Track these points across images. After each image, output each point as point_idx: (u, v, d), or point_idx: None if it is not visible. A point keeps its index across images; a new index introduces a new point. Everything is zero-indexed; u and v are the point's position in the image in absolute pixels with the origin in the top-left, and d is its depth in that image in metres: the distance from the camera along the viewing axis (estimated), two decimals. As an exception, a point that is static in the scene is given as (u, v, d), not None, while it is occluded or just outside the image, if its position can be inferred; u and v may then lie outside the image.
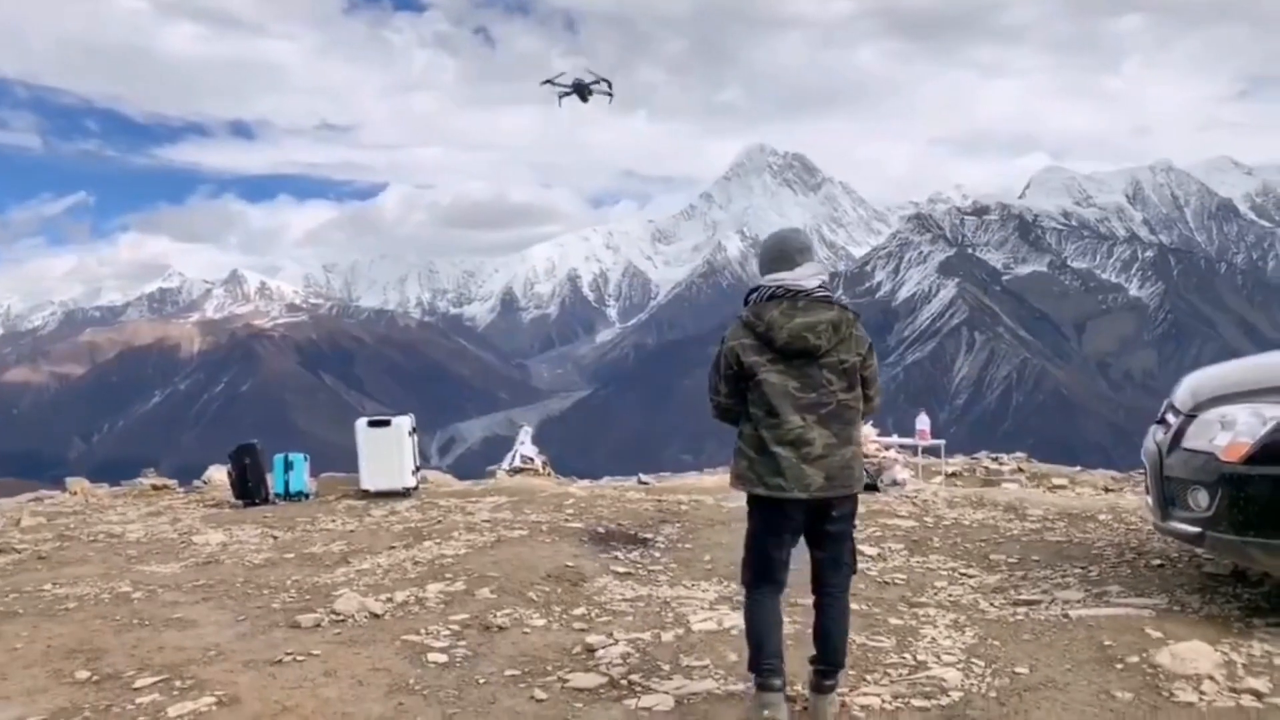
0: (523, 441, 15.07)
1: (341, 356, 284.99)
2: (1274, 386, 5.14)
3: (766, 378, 4.06)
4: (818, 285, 4.13)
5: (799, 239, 4.31)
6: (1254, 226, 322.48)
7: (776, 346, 4.06)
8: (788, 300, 4.10)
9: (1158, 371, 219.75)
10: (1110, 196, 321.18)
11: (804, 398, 4.04)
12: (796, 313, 4.06)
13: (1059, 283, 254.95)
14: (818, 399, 4.04)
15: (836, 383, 4.07)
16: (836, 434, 4.04)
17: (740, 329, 4.16)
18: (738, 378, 4.15)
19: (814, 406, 4.04)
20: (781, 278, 4.14)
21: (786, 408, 4.03)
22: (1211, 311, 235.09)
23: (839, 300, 4.16)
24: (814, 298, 4.10)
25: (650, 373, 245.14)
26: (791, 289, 4.11)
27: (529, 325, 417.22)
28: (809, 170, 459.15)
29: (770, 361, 4.07)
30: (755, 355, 4.08)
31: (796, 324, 4.04)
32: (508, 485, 10.40)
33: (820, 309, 4.08)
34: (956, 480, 13.22)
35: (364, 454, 10.26)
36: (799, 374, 4.05)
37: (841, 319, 4.09)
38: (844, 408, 4.08)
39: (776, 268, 4.20)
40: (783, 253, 4.24)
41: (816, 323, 4.04)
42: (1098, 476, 13.98)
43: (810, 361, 4.06)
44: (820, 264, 4.24)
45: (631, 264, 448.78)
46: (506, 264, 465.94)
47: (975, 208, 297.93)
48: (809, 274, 4.14)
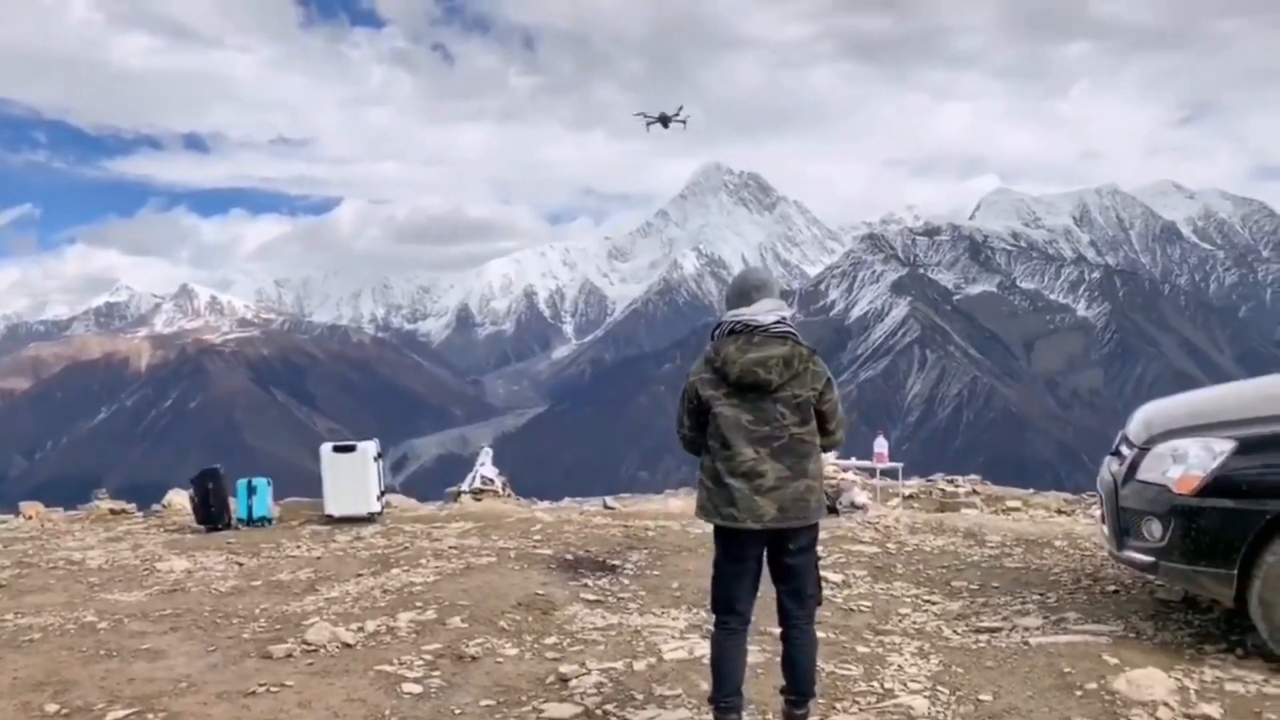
0: (483, 463, 15.04)
1: (294, 372, 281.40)
2: (1223, 421, 5.37)
3: (721, 411, 4.18)
4: (774, 320, 4.22)
5: (756, 276, 4.43)
6: (1196, 249, 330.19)
7: (730, 380, 4.17)
8: (744, 336, 4.20)
9: (1104, 390, 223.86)
10: (1058, 219, 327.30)
11: (757, 431, 4.13)
12: (750, 348, 4.16)
13: (1008, 303, 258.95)
14: (770, 432, 4.13)
15: (790, 417, 4.15)
16: (790, 467, 4.12)
17: (702, 364, 4.30)
18: (698, 411, 4.27)
19: (767, 440, 4.12)
20: (740, 313, 4.26)
21: (740, 440, 4.13)
22: (1156, 332, 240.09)
23: (794, 335, 4.23)
24: (770, 333, 4.19)
25: (606, 389, 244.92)
26: (749, 324, 4.21)
27: (484, 341, 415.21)
28: (764, 189, 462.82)
29: (725, 395, 4.19)
30: (712, 389, 4.21)
31: (749, 359, 4.14)
32: (473, 510, 10.41)
33: (774, 344, 4.17)
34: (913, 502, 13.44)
35: (329, 479, 10.23)
36: (752, 408, 4.15)
37: (794, 354, 4.17)
38: (797, 441, 4.15)
39: (737, 304, 4.31)
40: (741, 290, 4.34)
41: (768, 358, 4.13)
42: (1050, 499, 14.29)
43: (763, 396, 4.15)
44: (778, 300, 4.32)
45: (588, 280, 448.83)
46: (462, 280, 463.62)
47: (927, 228, 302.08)
48: (765, 309, 4.23)
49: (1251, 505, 4.98)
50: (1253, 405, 5.57)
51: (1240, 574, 5.00)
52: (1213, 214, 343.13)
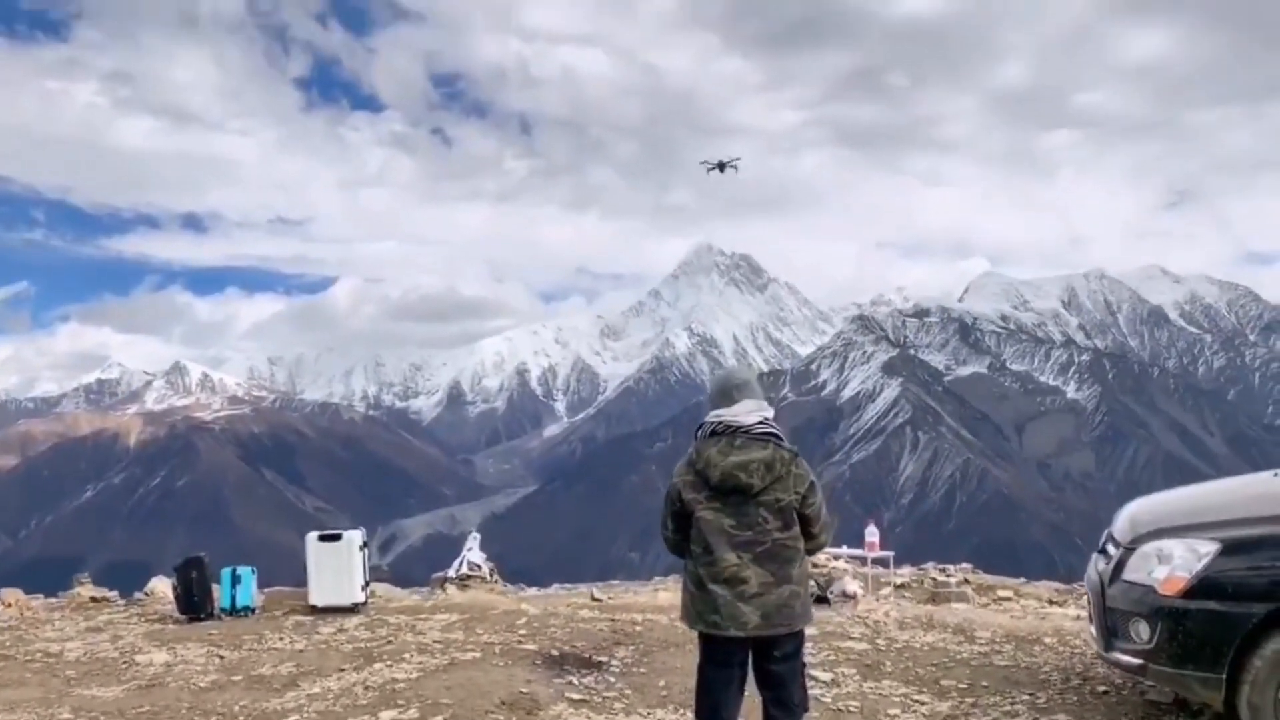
0: (470, 548, 14.88)
1: (283, 450, 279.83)
2: (1208, 521, 5.37)
3: (703, 515, 4.16)
4: (757, 421, 4.22)
5: (738, 376, 4.44)
6: (1184, 333, 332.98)
7: (712, 484, 4.15)
8: (726, 437, 4.19)
9: (1096, 473, 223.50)
10: (1046, 302, 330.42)
11: (739, 535, 4.10)
12: (732, 450, 4.14)
13: (999, 384, 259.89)
14: (753, 537, 4.10)
15: (772, 521, 4.12)
16: (773, 573, 4.09)
17: (685, 466, 4.28)
18: (681, 514, 4.26)
19: (749, 545, 4.09)
20: (721, 414, 4.25)
21: (722, 545, 4.10)
22: (1146, 414, 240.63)
23: (776, 437, 4.22)
24: (752, 435, 4.18)
25: (597, 468, 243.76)
26: (730, 425, 4.20)
27: (475, 419, 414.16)
28: (755, 270, 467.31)
29: (707, 499, 4.17)
30: (694, 492, 4.20)
31: (729, 462, 4.11)
32: (458, 601, 10.29)
33: (755, 447, 4.15)
34: (905, 592, 13.32)
35: (313, 568, 10.12)
36: (734, 512, 4.12)
37: (775, 457, 4.15)
38: (780, 547, 4.12)
39: (718, 404, 4.30)
40: (723, 390, 4.32)
41: (749, 461, 4.11)
42: (1042, 589, 14.17)
43: (745, 499, 4.12)
44: (760, 400, 4.30)
45: (580, 359, 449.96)
46: (454, 357, 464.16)
47: (916, 310, 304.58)
48: (747, 410, 4.22)
49: (1238, 608, 4.96)
50: (1236, 505, 5.58)
51: (1229, 678, 4.96)
52: (1199, 298, 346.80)
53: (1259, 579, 4.96)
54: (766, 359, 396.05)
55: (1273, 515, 5.26)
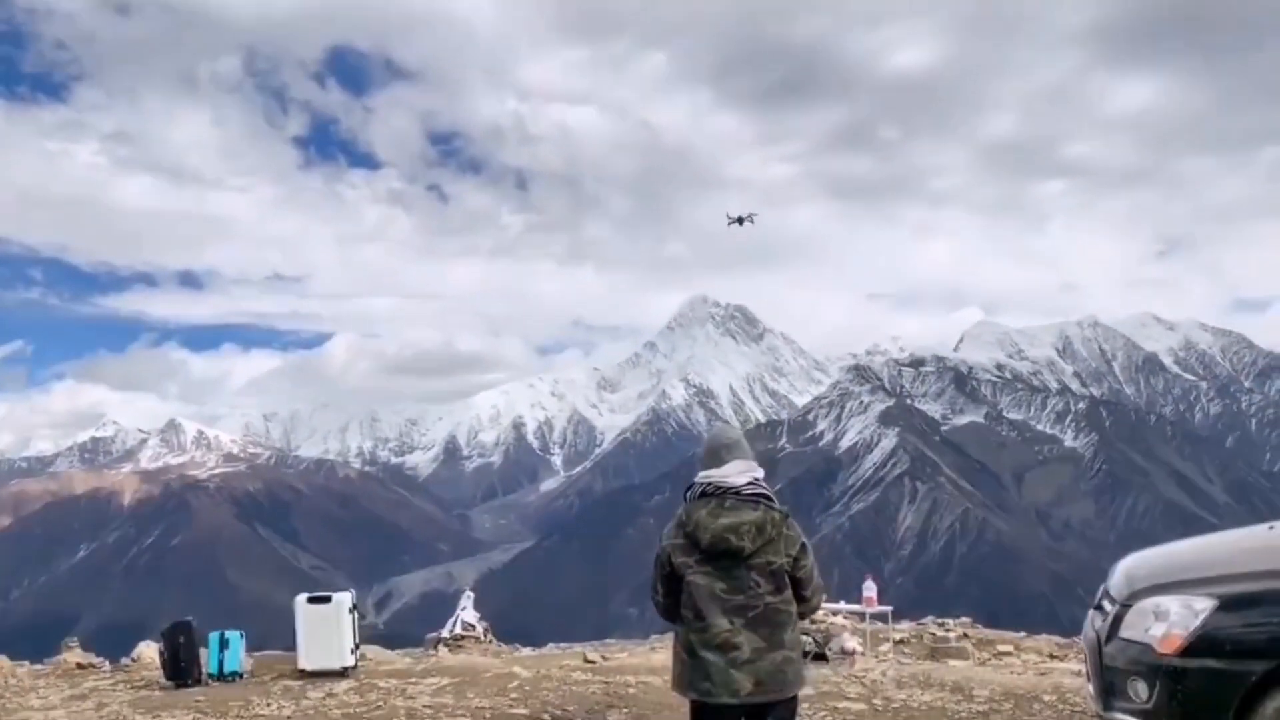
0: (464, 607, 14.75)
1: (278, 507, 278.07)
2: (1204, 577, 5.30)
3: (694, 580, 4.08)
4: (747, 483, 4.14)
5: (726, 436, 4.36)
6: (1179, 380, 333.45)
7: (702, 547, 4.06)
8: (716, 499, 4.12)
9: (1096, 521, 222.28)
10: (1041, 350, 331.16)
11: (731, 600, 4.02)
12: (722, 513, 4.07)
13: (996, 433, 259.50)
14: (745, 601, 4.01)
15: (764, 585, 4.04)
16: (766, 638, 4.01)
17: (674, 528, 4.21)
18: (671, 578, 4.19)
19: (742, 609, 4.01)
20: (710, 475, 4.18)
21: (714, 610, 4.02)
22: (1144, 462, 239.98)
23: (767, 498, 4.15)
24: (742, 496, 4.11)
25: (595, 522, 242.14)
26: (720, 486, 4.13)
27: (472, 474, 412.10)
28: (750, 321, 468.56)
29: (698, 562, 4.08)
30: (684, 556, 4.11)
31: (720, 525, 4.04)
32: (450, 664, 10.13)
33: (746, 509, 4.08)
34: (904, 647, 13.17)
35: (302, 631, 9.97)
36: (726, 575, 4.04)
37: (766, 519, 4.07)
38: (773, 611, 4.05)
39: (708, 465, 4.23)
40: (712, 450, 4.26)
41: (740, 524, 4.03)
42: (1042, 643, 14.03)
43: (737, 563, 4.04)
44: (750, 461, 4.23)
45: (577, 411, 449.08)
46: (450, 412, 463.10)
47: (912, 359, 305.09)
48: (737, 471, 4.15)
49: (1236, 666, 4.87)
50: (1232, 560, 5.51)
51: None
52: (1193, 345, 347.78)
53: (1257, 636, 4.88)
54: (763, 409, 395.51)
55: (1269, 570, 5.19)
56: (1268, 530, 6.06)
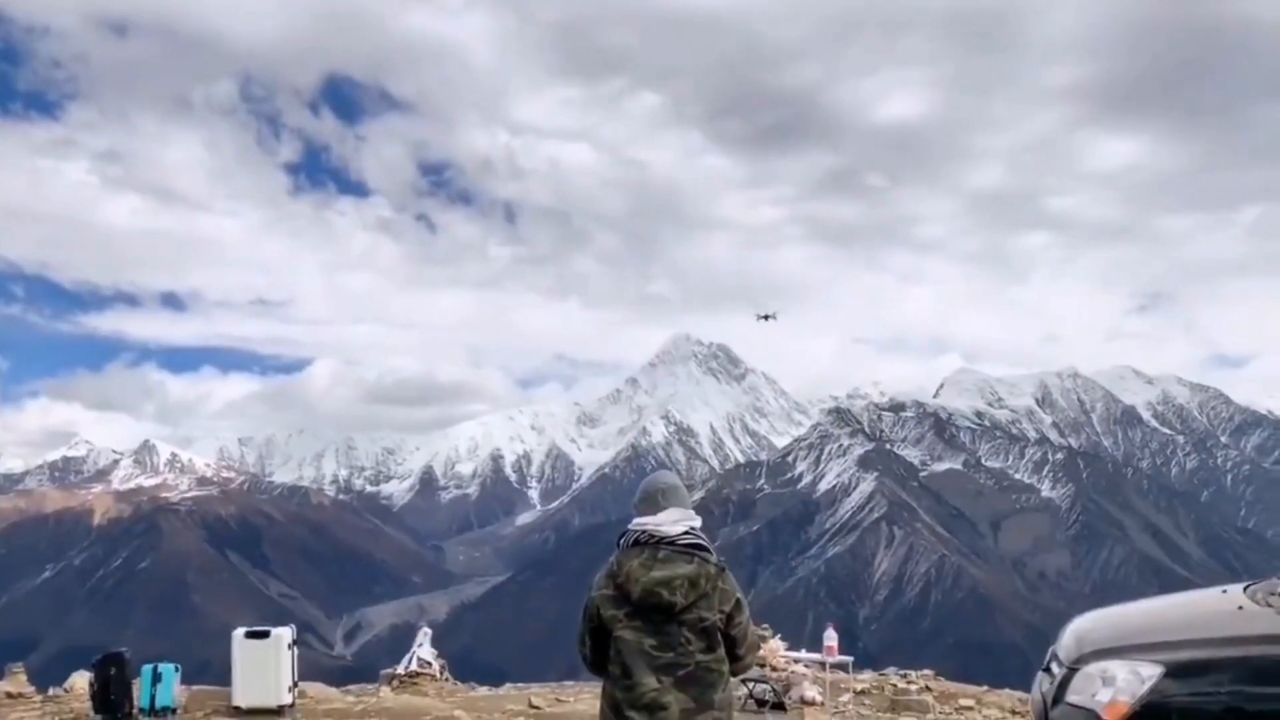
0: (420, 643, 14.45)
1: (250, 533, 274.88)
2: (1152, 642, 5.13)
3: (622, 635, 3.82)
4: (682, 532, 3.88)
5: (662, 480, 4.09)
6: (1156, 434, 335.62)
7: (633, 600, 3.82)
8: (649, 549, 3.86)
9: (1071, 572, 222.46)
10: (1020, 399, 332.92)
11: (661, 657, 3.76)
12: (655, 564, 3.81)
13: (974, 481, 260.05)
14: (675, 659, 3.76)
15: (695, 642, 3.78)
16: (695, 698, 3.75)
17: (604, 578, 3.98)
18: (599, 631, 3.94)
19: (671, 667, 3.75)
20: (645, 522, 3.94)
21: (641, 668, 3.77)
22: (1120, 514, 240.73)
23: (703, 550, 3.90)
24: (677, 548, 3.85)
25: (570, 557, 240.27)
26: (655, 535, 3.88)
27: (447, 505, 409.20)
28: (733, 361, 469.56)
29: (627, 616, 3.83)
30: (614, 608, 3.87)
31: (652, 578, 3.78)
32: (390, 705, 9.83)
33: (680, 562, 3.81)
34: (864, 698, 12.95)
35: (239, 667, 9.66)
36: (656, 631, 3.78)
37: (700, 573, 3.80)
38: (704, 670, 3.79)
39: (643, 511, 3.98)
40: (647, 494, 4.03)
41: (673, 577, 3.78)
42: (1004, 698, 13.83)
43: (668, 618, 3.79)
44: (686, 509, 3.97)
45: (556, 445, 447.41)
46: (428, 442, 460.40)
47: (892, 404, 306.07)
48: (671, 519, 3.89)
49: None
50: (1181, 626, 5.35)
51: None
52: (1171, 399, 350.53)
53: (1204, 705, 4.73)
54: (743, 450, 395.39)
55: (1218, 637, 5.03)
56: (1220, 594, 5.91)
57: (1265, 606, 5.34)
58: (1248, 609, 5.35)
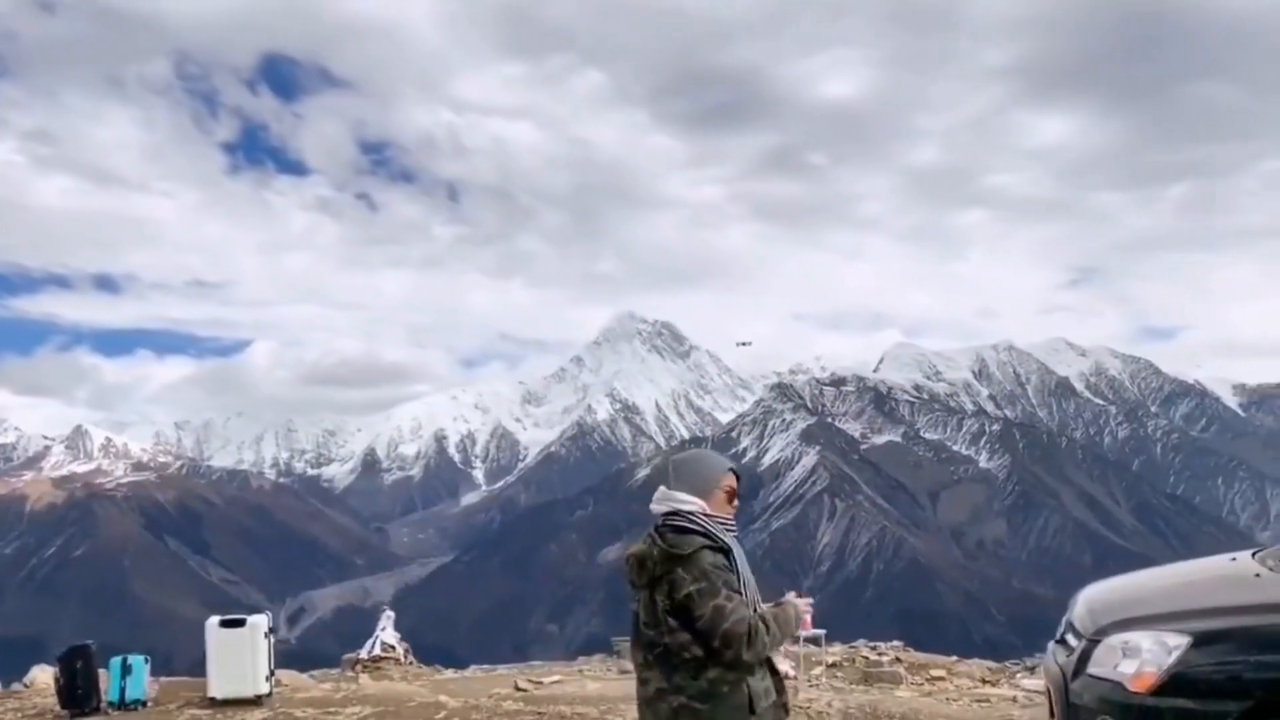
0: (383, 627, 14.21)
1: (188, 519, 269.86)
2: (1174, 611, 5.12)
3: (632, 605, 3.85)
4: (665, 512, 3.85)
5: (676, 457, 4.09)
6: (1089, 404, 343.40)
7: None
8: (653, 527, 3.88)
9: (1008, 541, 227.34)
10: (958, 373, 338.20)
11: (647, 633, 3.74)
12: (639, 540, 3.87)
13: (913, 453, 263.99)
14: (655, 637, 3.70)
15: (671, 622, 3.66)
16: (667, 678, 3.65)
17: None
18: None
19: (651, 644, 3.72)
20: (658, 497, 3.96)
21: (633, 640, 3.83)
22: (1055, 483, 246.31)
23: (668, 532, 3.79)
24: (656, 526, 3.84)
25: (516, 537, 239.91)
26: (655, 514, 3.89)
27: (391, 487, 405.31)
28: (677, 338, 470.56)
29: (634, 587, 3.84)
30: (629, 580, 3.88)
31: (628, 553, 3.84)
32: (372, 692, 9.60)
33: (643, 541, 3.82)
34: (837, 671, 12.97)
35: (213, 657, 9.33)
36: (644, 606, 3.76)
37: (646, 556, 3.74)
38: (670, 653, 3.67)
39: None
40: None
41: (630, 555, 3.80)
42: (974, 667, 13.96)
43: (647, 595, 3.77)
44: (668, 490, 3.93)
45: (500, 425, 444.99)
46: (370, 423, 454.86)
47: (833, 379, 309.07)
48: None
49: (1212, 705, 4.67)
50: (1204, 594, 5.34)
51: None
52: (1103, 370, 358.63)
53: (1232, 674, 4.71)
54: (688, 426, 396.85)
55: (1241, 605, 5.03)
56: (1230, 561, 5.93)
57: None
58: (1265, 576, 5.36)
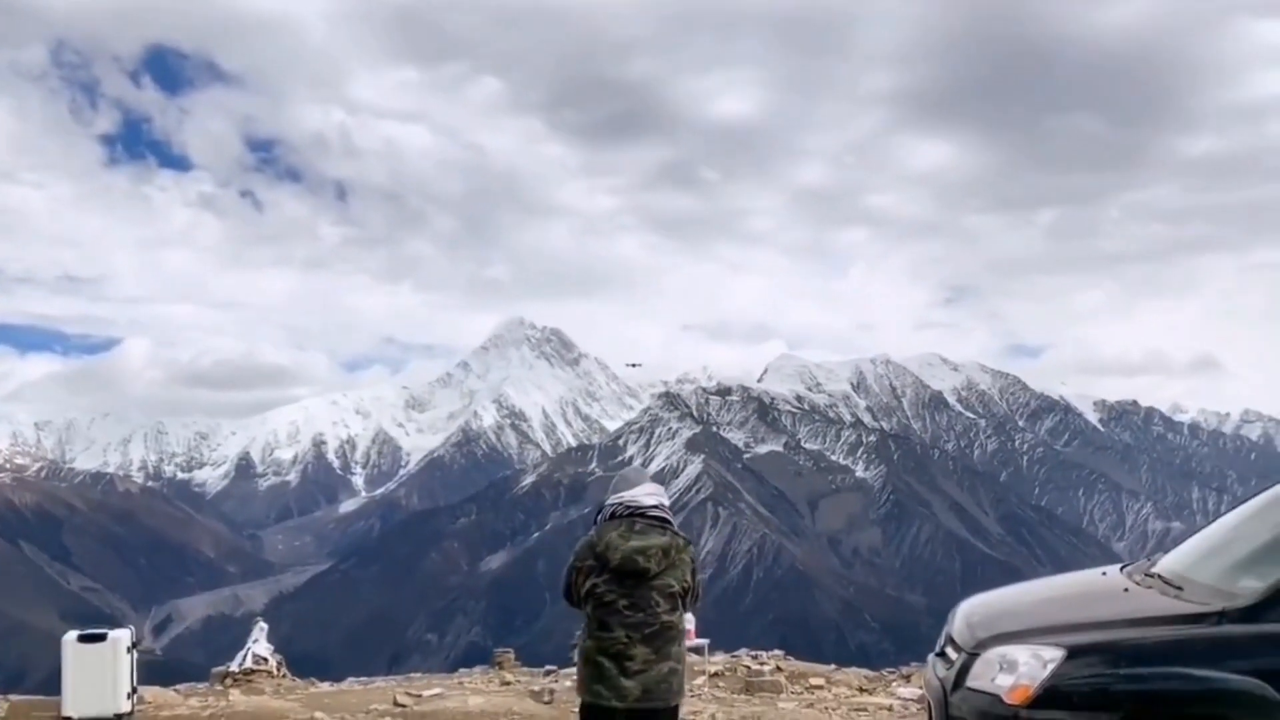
0: (256, 639, 13.69)
1: (47, 523, 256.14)
2: (1050, 625, 5.26)
3: (601, 595, 4.48)
4: (653, 505, 4.57)
5: (636, 469, 4.92)
6: (961, 417, 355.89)
7: (611, 567, 4.47)
8: (626, 521, 4.54)
9: (883, 549, 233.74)
10: (838, 384, 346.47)
11: (632, 617, 4.42)
12: (632, 535, 4.47)
13: (794, 462, 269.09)
14: (644, 619, 4.43)
15: (662, 604, 4.46)
16: (656, 650, 4.43)
17: (585, 549, 4.61)
18: (581, 590, 4.61)
19: (640, 626, 4.42)
20: (622, 496, 4.62)
21: (615, 623, 4.44)
22: (928, 493, 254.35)
23: (671, 523, 4.58)
24: (649, 520, 4.53)
25: (396, 545, 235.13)
26: (630, 507, 4.55)
27: (265, 493, 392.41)
28: (566, 345, 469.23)
29: (605, 581, 4.48)
30: (594, 577, 4.51)
31: (629, 547, 4.43)
32: (242, 709, 9.19)
33: (654, 533, 4.49)
34: (719, 680, 13.04)
35: (69, 674, 8.77)
36: (629, 594, 4.44)
37: (671, 545, 4.50)
38: (666, 627, 4.48)
39: (617, 490, 4.72)
40: (624, 477, 4.79)
41: (648, 547, 4.44)
42: (851, 676, 14.22)
43: (640, 583, 4.45)
44: (659, 486, 4.71)
45: (382, 430, 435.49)
46: (245, 427, 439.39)
47: (719, 389, 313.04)
48: (645, 493, 4.59)
49: (1084, 718, 4.82)
50: (1077, 608, 5.52)
51: (1075, 791, 4.80)
52: (974, 385, 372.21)
53: (1103, 686, 4.84)
54: (575, 433, 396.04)
55: (1112, 619, 5.20)
56: (1100, 576, 6.14)
57: (1148, 588, 5.57)
58: (1133, 590, 5.57)
